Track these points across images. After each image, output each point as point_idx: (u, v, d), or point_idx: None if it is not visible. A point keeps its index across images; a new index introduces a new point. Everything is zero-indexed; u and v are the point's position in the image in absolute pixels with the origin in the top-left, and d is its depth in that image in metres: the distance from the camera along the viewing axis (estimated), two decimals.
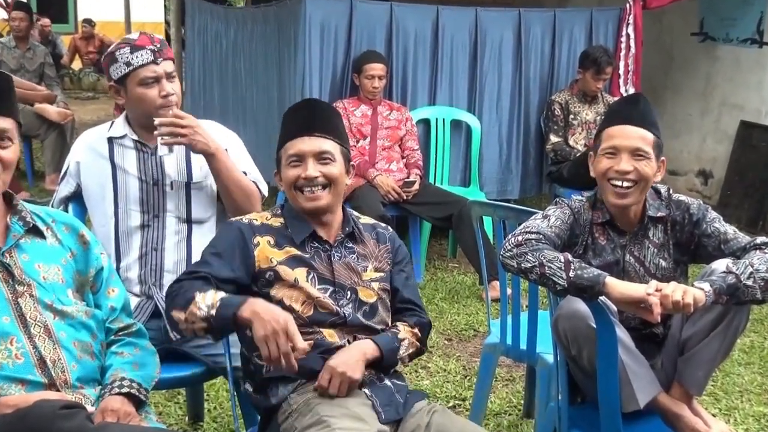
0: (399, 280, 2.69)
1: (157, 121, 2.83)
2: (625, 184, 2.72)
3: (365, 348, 2.50)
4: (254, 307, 2.26)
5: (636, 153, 2.71)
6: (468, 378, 4.11)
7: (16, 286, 2.24)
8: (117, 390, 2.25)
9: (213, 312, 2.29)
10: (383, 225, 2.78)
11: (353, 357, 2.45)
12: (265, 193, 3.05)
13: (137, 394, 2.27)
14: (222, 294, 2.34)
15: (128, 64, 2.87)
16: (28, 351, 2.19)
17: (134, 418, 2.21)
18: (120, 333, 2.42)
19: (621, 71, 6.61)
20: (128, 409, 2.22)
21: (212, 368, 2.89)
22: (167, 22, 11.42)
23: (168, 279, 2.93)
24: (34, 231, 2.34)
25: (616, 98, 6.46)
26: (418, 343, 2.64)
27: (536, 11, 6.46)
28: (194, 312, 2.31)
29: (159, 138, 2.84)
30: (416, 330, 2.65)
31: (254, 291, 2.50)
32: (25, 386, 2.16)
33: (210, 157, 2.87)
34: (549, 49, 6.42)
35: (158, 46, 2.90)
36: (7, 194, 2.32)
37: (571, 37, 6.47)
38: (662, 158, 2.77)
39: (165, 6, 14.17)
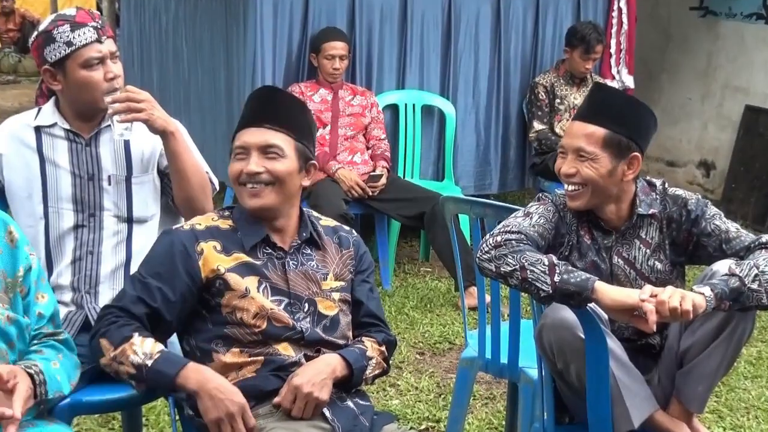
0: (362, 291, 2.71)
1: (108, 98, 2.82)
2: (570, 187, 2.78)
3: (334, 364, 2.51)
4: (203, 381, 2.38)
5: (578, 153, 2.75)
6: (443, 396, 4.13)
7: None
8: (21, 367, 2.22)
9: (149, 363, 2.38)
10: (347, 228, 2.79)
11: (321, 374, 2.46)
12: (217, 186, 3.05)
13: (36, 386, 2.23)
14: (161, 347, 2.43)
15: (69, 43, 2.85)
16: None
17: (16, 389, 2.16)
18: (44, 337, 2.41)
19: (612, 50, 6.67)
20: (23, 386, 2.17)
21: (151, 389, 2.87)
22: None
23: (104, 287, 2.92)
24: None
25: (606, 80, 6.53)
26: (384, 364, 2.67)
27: None
28: (127, 353, 2.40)
29: (114, 117, 2.83)
30: (383, 348, 2.67)
31: (206, 299, 2.52)
32: None
33: (169, 136, 2.87)
34: (532, 25, 6.44)
35: (100, 23, 2.90)
36: None
37: (557, 11, 6.51)
38: (633, 154, 2.77)
39: None
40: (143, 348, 2.39)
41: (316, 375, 2.45)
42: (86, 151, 2.95)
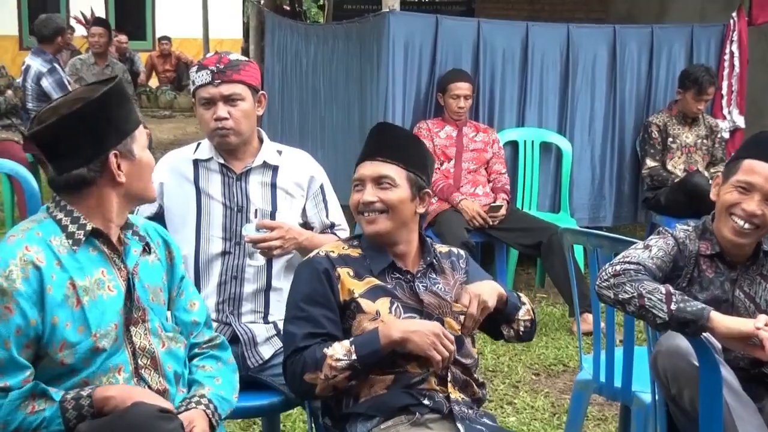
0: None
1: (247, 237, 2.92)
2: (747, 226, 2.68)
3: (497, 286, 2.65)
4: (401, 328, 2.45)
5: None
6: (557, 416, 4.06)
7: (133, 311, 2.23)
8: (194, 405, 2.26)
9: (354, 356, 2.43)
10: (455, 251, 2.80)
11: (489, 288, 2.61)
12: (348, 234, 3.07)
13: (210, 417, 2.28)
14: (348, 339, 2.48)
15: (193, 82, 3.00)
16: (134, 383, 2.20)
17: None
18: (204, 346, 2.46)
19: (724, 92, 6.48)
20: (199, 429, 2.22)
21: (290, 399, 2.91)
22: (246, 39, 11.67)
23: (246, 308, 2.99)
24: (145, 248, 2.33)
25: (718, 120, 6.35)
26: (533, 315, 2.73)
27: (632, 27, 6.40)
28: (333, 366, 2.43)
29: (258, 251, 2.94)
30: (533, 312, 2.75)
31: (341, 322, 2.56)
32: None
33: (301, 249, 2.96)
34: (646, 67, 6.34)
35: (221, 67, 2.94)
36: None
37: (670, 54, 6.39)
38: None
39: (244, 23, 14.47)
40: (339, 352, 2.44)
41: (488, 287, 2.61)
42: (237, 185, 3.02)
